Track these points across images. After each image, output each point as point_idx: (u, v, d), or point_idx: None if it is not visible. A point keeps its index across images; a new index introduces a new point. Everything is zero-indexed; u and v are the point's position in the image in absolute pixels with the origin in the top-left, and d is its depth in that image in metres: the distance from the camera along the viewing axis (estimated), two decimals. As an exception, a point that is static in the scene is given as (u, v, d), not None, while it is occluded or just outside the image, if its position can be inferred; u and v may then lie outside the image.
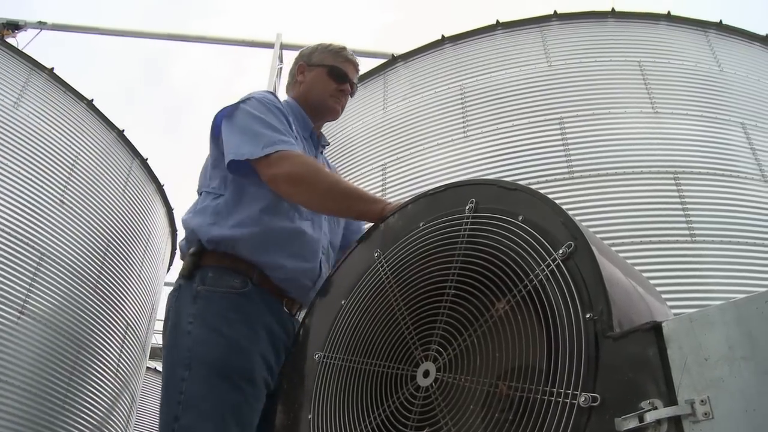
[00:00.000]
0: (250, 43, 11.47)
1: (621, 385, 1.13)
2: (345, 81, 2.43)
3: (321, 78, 2.42)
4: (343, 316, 1.72)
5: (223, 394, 1.81)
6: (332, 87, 2.41)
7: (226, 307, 1.94)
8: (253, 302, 1.96)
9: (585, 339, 1.19)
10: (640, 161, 5.74)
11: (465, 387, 1.35)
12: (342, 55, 2.46)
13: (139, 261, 7.74)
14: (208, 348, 1.87)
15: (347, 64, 2.46)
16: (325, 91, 2.41)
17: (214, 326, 1.90)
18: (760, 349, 1.01)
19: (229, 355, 1.86)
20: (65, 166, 6.76)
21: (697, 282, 5.09)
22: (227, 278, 1.98)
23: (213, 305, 1.94)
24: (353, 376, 1.61)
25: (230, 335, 1.88)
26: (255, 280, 1.99)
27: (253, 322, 1.93)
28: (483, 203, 1.51)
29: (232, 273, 1.99)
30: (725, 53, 6.86)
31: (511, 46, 6.84)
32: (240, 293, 1.96)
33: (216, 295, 1.96)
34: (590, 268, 1.24)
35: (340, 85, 2.42)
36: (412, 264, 1.60)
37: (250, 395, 1.83)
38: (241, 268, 1.99)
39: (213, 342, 1.88)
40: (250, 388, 1.84)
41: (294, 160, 2.00)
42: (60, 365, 6.03)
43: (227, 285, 1.97)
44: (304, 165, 2.01)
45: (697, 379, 1.07)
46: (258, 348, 1.90)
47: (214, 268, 2.00)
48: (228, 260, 2.00)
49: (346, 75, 2.43)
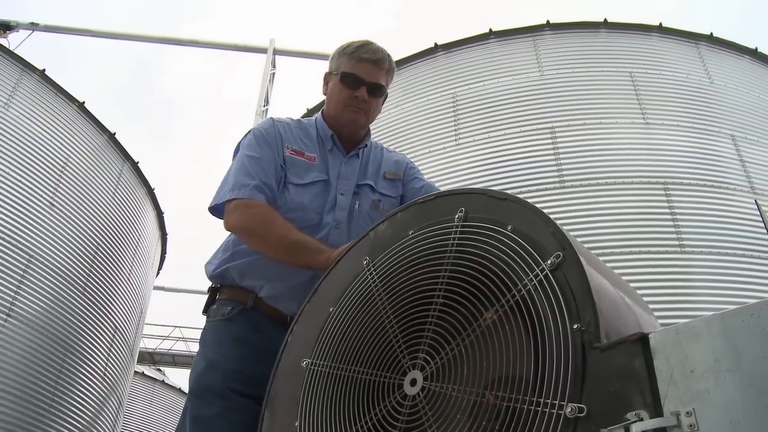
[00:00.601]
0: (243, 48, 11.47)
1: (607, 396, 1.13)
2: (359, 86, 2.26)
3: (336, 87, 2.31)
4: (331, 323, 1.71)
5: (197, 411, 1.98)
6: (345, 95, 2.28)
7: (217, 333, 2.14)
8: (238, 325, 2.12)
9: (572, 349, 1.19)
10: (631, 172, 5.77)
11: (452, 396, 1.35)
12: (355, 56, 2.29)
13: (129, 265, 7.71)
14: (193, 372, 2.09)
15: (362, 65, 2.27)
16: (339, 103, 2.30)
17: (202, 353, 2.12)
18: (745, 362, 1.01)
19: (202, 375, 2.04)
20: (55, 168, 6.74)
21: (686, 292, 5.11)
22: (222, 308, 2.17)
23: (209, 335, 2.16)
24: (340, 383, 1.61)
25: (209, 357, 2.08)
26: (249, 304, 2.15)
27: (234, 342, 2.09)
28: (472, 212, 1.51)
29: (229, 302, 2.18)
30: (716, 65, 6.92)
31: (503, 55, 6.88)
32: (227, 319, 2.14)
33: (211, 325, 2.18)
34: (578, 279, 1.25)
35: (353, 91, 2.27)
36: (401, 272, 1.59)
37: (223, 408, 1.97)
38: (239, 296, 2.17)
39: (196, 366, 2.09)
40: (222, 402, 1.97)
41: (245, 212, 2.10)
42: (47, 368, 5.99)
43: (221, 314, 2.16)
44: (255, 217, 2.09)
45: (683, 390, 1.07)
46: (234, 364, 2.03)
47: (219, 301, 2.21)
48: (231, 292, 2.20)
49: (357, 79, 2.26)
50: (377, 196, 2.34)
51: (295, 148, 2.27)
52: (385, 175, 2.40)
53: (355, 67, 2.27)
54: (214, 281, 2.25)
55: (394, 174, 2.42)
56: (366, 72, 2.27)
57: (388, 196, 2.37)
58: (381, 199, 2.34)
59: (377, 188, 2.35)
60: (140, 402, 14.02)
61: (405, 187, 2.43)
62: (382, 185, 2.37)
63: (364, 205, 2.30)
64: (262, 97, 10.54)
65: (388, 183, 2.39)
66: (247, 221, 2.09)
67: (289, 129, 2.32)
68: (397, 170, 2.44)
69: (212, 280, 2.26)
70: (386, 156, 2.47)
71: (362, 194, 2.31)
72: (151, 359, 18.90)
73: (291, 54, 11.38)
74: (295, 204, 2.18)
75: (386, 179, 2.39)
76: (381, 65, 2.30)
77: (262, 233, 2.08)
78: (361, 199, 2.30)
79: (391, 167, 2.43)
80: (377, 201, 2.33)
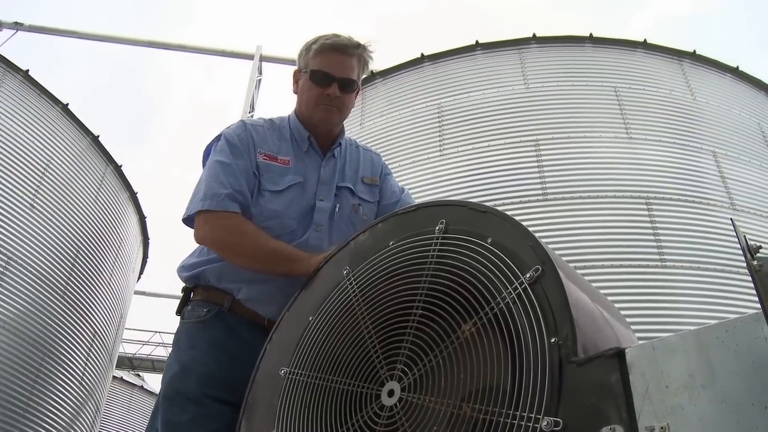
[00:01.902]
0: (229, 53, 11.46)
1: (583, 410, 1.13)
2: (329, 82, 2.16)
3: (306, 86, 2.22)
4: (310, 333, 1.71)
5: (170, 416, 1.93)
6: (316, 94, 2.18)
7: (189, 336, 2.08)
8: (212, 328, 2.07)
9: (549, 363, 1.19)
10: (613, 186, 5.81)
11: (429, 408, 1.35)
12: (320, 50, 2.17)
13: (110, 269, 7.65)
14: (166, 375, 2.04)
15: (330, 60, 2.16)
16: (310, 101, 2.21)
17: (175, 355, 2.07)
18: (719, 378, 1.02)
19: (176, 379, 1.99)
20: (37, 169, 6.68)
21: (667, 306, 5.15)
22: (197, 310, 2.12)
23: (182, 337, 2.11)
24: (318, 393, 1.60)
25: (183, 361, 2.03)
26: (226, 306, 2.09)
27: (209, 346, 2.03)
28: (453, 224, 1.52)
29: (204, 303, 2.12)
30: (698, 82, 7.00)
31: (489, 67, 6.91)
32: (202, 321, 2.08)
33: (185, 327, 2.12)
34: (557, 293, 1.25)
35: (324, 89, 2.16)
36: (381, 283, 1.59)
37: (197, 414, 1.92)
38: (215, 297, 2.12)
39: (169, 369, 2.04)
40: (196, 407, 1.93)
41: (215, 224, 2.05)
42: (23, 372, 5.92)
43: (195, 316, 2.10)
44: (225, 229, 2.04)
45: (657, 406, 1.07)
46: (209, 369, 1.99)
47: (194, 302, 2.16)
48: (206, 293, 2.14)
49: (329, 76, 2.16)
50: (357, 201, 2.29)
51: (268, 152, 2.19)
52: (363, 179, 2.35)
53: (323, 63, 2.16)
54: (188, 282, 2.19)
55: (372, 180, 2.37)
56: (335, 67, 2.16)
57: (367, 201, 2.32)
58: (361, 203, 2.30)
59: (356, 192, 2.30)
60: (118, 407, 13.88)
61: (383, 192, 2.39)
62: (361, 189, 2.32)
63: (345, 209, 2.24)
64: (248, 103, 10.52)
65: (367, 188, 2.35)
66: (217, 234, 2.05)
67: (262, 131, 2.22)
68: (374, 175, 2.39)
69: (187, 282, 2.20)
70: (362, 156, 2.41)
71: (342, 197, 2.26)
72: (131, 364, 18.71)
73: (278, 61, 11.38)
74: (271, 212, 2.11)
75: (364, 183, 2.34)
76: (350, 58, 2.19)
77: (234, 245, 2.04)
78: (342, 201, 2.25)
79: (368, 172, 2.38)
80: (357, 205, 2.28)
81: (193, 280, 2.18)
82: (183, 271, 2.21)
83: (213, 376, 1.97)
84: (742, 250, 1.03)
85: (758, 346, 1.01)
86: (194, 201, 2.09)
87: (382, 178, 2.42)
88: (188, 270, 2.19)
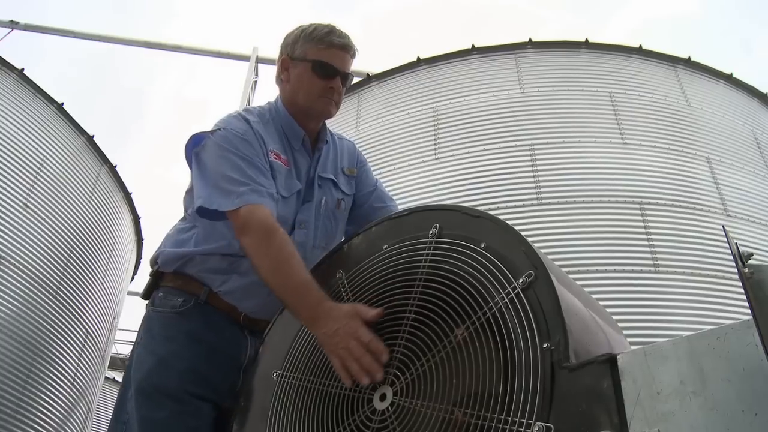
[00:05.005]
0: (225, 54, 11.45)
1: (575, 416, 1.13)
2: (334, 75, 2.09)
3: (306, 76, 2.10)
4: (303, 336, 1.71)
5: (146, 412, 1.85)
6: (319, 86, 2.09)
7: (165, 326, 1.98)
8: (191, 320, 1.97)
9: (541, 369, 1.19)
10: (608, 191, 5.82)
11: (421, 412, 1.35)
12: (326, 41, 2.09)
13: (103, 269, 7.62)
14: (140, 367, 1.93)
15: (335, 53, 2.09)
16: (311, 93, 2.09)
17: (150, 347, 1.96)
18: (710, 385, 1.03)
19: (154, 373, 1.89)
20: (31, 169, 6.65)
21: (660, 312, 5.15)
22: (171, 298, 2.01)
23: (155, 326, 2.00)
24: (310, 396, 1.60)
25: (159, 353, 1.92)
26: (202, 298, 2.00)
27: (188, 340, 1.94)
28: (447, 229, 1.52)
29: (178, 292, 2.02)
30: (693, 89, 7.02)
31: (485, 71, 6.92)
32: (178, 312, 1.98)
33: (159, 316, 2.01)
34: (549, 298, 1.26)
35: (328, 82, 2.09)
36: (374, 287, 1.59)
37: (176, 411, 1.84)
38: (190, 287, 2.02)
39: (144, 362, 1.93)
40: (174, 404, 1.84)
41: (257, 227, 1.82)
42: (14, 372, 5.89)
43: (169, 305, 2.00)
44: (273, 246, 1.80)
45: (649, 412, 1.08)
46: (188, 364, 1.90)
47: (165, 289, 2.05)
48: (180, 281, 2.03)
49: (334, 69, 2.09)
50: (340, 195, 2.22)
51: (276, 151, 2.06)
52: (344, 170, 2.27)
53: (327, 55, 2.08)
54: (167, 266, 2.06)
55: (351, 171, 2.29)
56: (339, 61, 2.10)
57: (348, 195, 2.25)
58: (344, 198, 2.23)
59: (339, 184, 2.22)
60: (110, 408, 13.82)
61: (360, 184, 2.31)
62: (343, 182, 2.24)
63: (330, 204, 2.16)
64: (244, 104, 10.52)
65: (346, 179, 2.27)
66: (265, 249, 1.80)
67: (262, 128, 2.08)
68: (352, 165, 2.31)
69: (165, 265, 2.06)
70: (339, 145, 2.32)
71: (326, 189, 2.18)
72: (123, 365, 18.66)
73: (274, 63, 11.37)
74: (281, 218, 1.96)
75: (345, 175, 2.27)
76: (351, 52, 2.14)
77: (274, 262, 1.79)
78: (327, 195, 2.16)
79: (346, 162, 2.30)
80: (340, 200, 2.21)
81: (168, 266, 2.05)
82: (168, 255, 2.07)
83: (192, 372, 1.89)
84: (733, 257, 1.03)
85: (749, 353, 1.01)
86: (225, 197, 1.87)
87: (359, 167, 2.34)
88: (175, 257, 2.05)
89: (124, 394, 1.96)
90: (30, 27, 10.88)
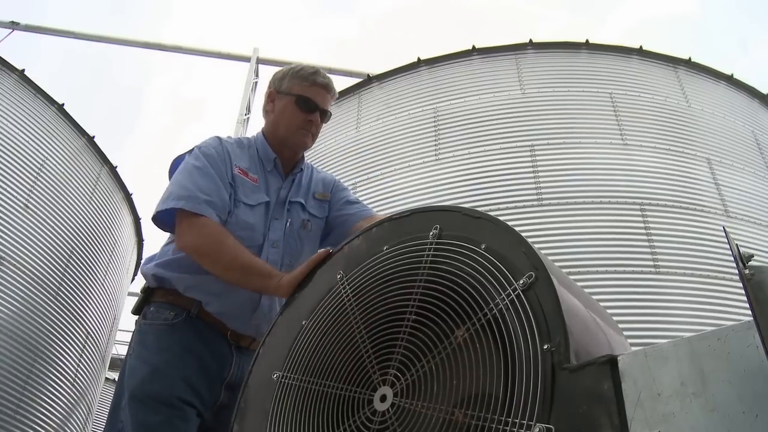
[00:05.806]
0: (226, 55, 11.45)
1: (575, 418, 1.13)
2: (314, 111, 2.32)
3: (289, 108, 2.32)
4: (303, 337, 1.71)
5: (142, 417, 1.96)
6: (300, 119, 2.31)
7: (157, 337, 2.09)
8: (183, 332, 2.09)
9: (542, 370, 1.19)
10: (608, 191, 5.82)
11: (421, 413, 1.35)
12: (310, 79, 2.33)
13: (103, 270, 7.62)
14: (133, 376, 2.03)
15: (317, 90, 2.33)
16: (292, 124, 2.32)
17: (143, 356, 2.07)
18: (710, 386, 1.03)
19: (147, 381, 2.00)
20: (31, 169, 6.65)
21: (661, 313, 5.15)
22: (163, 312, 2.13)
23: (148, 337, 2.11)
24: (310, 397, 1.60)
25: (153, 362, 2.03)
26: (194, 313, 2.12)
27: (181, 350, 2.06)
28: (447, 230, 1.52)
29: (170, 307, 2.13)
30: (693, 90, 7.02)
31: (486, 72, 6.93)
32: (171, 324, 2.10)
33: (151, 328, 2.12)
34: (550, 300, 1.25)
35: (308, 116, 2.31)
36: (374, 288, 1.59)
37: (170, 416, 1.95)
38: (181, 302, 2.13)
39: (138, 370, 2.04)
40: (168, 409, 1.96)
41: (200, 231, 2.05)
42: (14, 373, 5.89)
43: (162, 318, 2.12)
44: (208, 237, 2.05)
45: (649, 413, 1.08)
46: (181, 373, 2.02)
47: (157, 304, 2.16)
48: (172, 296, 2.15)
49: (315, 104, 2.32)
50: (306, 216, 2.37)
51: (242, 167, 2.26)
52: (315, 195, 2.43)
53: (310, 91, 2.32)
54: (152, 283, 2.21)
55: (323, 195, 2.46)
56: (321, 98, 2.33)
57: (316, 217, 2.40)
58: (310, 219, 2.38)
59: (307, 207, 2.38)
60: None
61: (333, 204, 2.46)
62: (312, 204, 2.41)
63: (295, 224, 2.32)
64: (244, 105, 10.51)
65: (317, 203, 2.43)
66: (200, 242, 2.05)
67: (235, 148, 2.31)
68: (325, 191, 2.48)
69: (152, 282, 2.21)
70: (315, 175, 2.51)
71: (293, 211, 2.34)
72: (123, 366, 18.63)
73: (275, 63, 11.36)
74: (245, 223, 2.18)
75: (315, 199, 2.43)
76: (331, 93, 2.38)
77: (214, 254, 2.04)
78: (292, 216, 2.33)
79: (319, 188, 2.47)
80: (306, 221, 2.36)
81: (157, 282, 2.19)
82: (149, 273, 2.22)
83: (184, 380, 2.01)
84: (734, 258, 1.03)
85: (750, 354, 1.01)
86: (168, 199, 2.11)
87: (333, 192, 2.50)
88: (154, 273, 2.20)
89: (118, 404, 2.07)
90: (30, 28, 10.87)
